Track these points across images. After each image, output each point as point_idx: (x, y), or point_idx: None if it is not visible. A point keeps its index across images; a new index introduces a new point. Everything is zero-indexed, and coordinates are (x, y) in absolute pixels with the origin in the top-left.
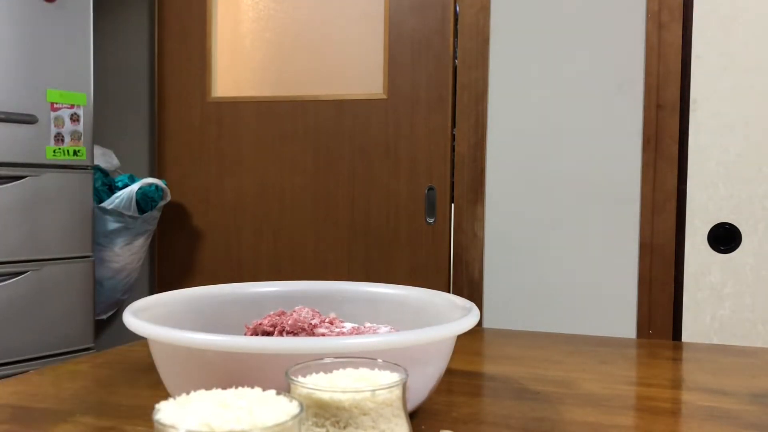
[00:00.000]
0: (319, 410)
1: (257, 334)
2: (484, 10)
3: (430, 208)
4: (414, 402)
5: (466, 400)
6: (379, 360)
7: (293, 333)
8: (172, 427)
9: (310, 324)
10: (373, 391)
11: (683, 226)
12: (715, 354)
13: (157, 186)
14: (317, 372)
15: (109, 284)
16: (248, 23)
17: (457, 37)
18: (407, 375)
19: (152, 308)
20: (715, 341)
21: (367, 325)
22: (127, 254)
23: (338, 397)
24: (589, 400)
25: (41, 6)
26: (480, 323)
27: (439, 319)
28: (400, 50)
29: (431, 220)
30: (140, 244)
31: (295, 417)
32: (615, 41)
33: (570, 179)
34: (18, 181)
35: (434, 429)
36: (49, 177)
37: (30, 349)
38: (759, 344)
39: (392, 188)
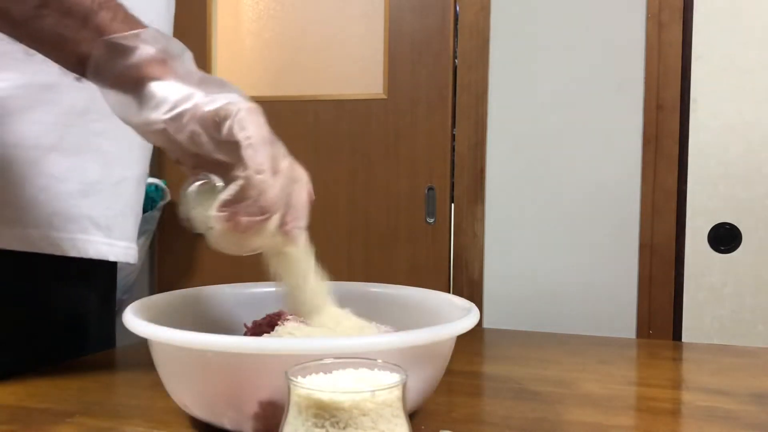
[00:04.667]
0: (318, 411)
1: (257, 334)
2: (484, 10)
3: (430, 208)
4: (414, 402)
5: (466, 400)
6: (379, 360)
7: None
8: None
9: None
10: (373, 391)
11: (683, 226)
12: (715, 354)
13: (157, 186)
14: (317, 372)
15: None
16: (248, 23)
17: (457, 37)
18: (407, 375)
19: (152, 308)
20: (715, 341)
21: None
22: None
23: (338, 397)
24: (589, 400)
25: None
26: (480, 323)
27: (439, 319)
28: (400, 50)
29: (431, 220)
30: (140, 244)
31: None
32: (615, 41)
33: (570, 179)
34: None
35: (434, 429)
36: None
37: None
38: (759, 344)
39: (392, 188)
